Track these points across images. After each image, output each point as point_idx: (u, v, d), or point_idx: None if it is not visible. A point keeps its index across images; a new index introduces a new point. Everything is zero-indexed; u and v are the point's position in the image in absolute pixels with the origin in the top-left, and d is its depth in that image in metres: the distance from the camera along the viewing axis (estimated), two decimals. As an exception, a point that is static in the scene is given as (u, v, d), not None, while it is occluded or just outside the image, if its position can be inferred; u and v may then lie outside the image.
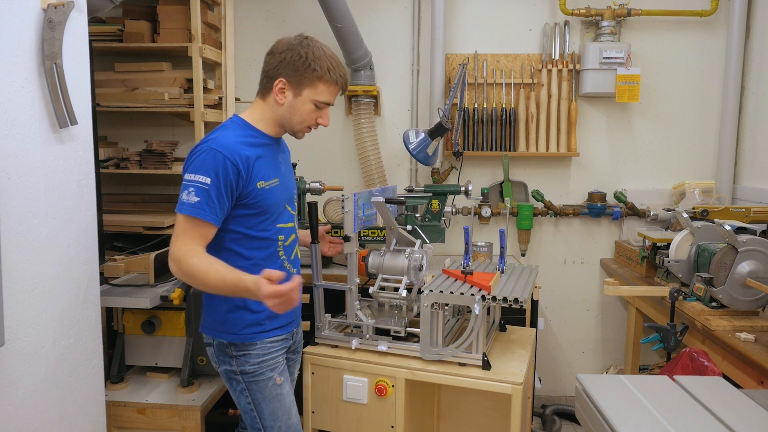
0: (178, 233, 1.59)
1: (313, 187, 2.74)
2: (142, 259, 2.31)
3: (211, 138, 1.63)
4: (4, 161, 1.44)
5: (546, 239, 3.34)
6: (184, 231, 1.59)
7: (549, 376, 3.43)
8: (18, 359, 1.52)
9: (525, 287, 1.87)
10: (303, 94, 1.68)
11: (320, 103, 1.71)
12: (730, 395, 1.54)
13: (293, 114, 1.71)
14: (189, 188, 1.57)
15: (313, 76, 1.66)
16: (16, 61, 1.48)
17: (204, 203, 1.57)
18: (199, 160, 1.59)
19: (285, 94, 1.69)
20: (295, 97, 1.69)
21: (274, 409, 1.75)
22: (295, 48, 1.66)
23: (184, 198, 1.58)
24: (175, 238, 1.60)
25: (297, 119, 1.72)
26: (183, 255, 1.57)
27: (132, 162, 2.80)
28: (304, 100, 1.69)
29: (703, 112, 3.24)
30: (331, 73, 1.68)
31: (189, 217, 1.57)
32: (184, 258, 1.57)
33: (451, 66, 3.18)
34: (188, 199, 1.57)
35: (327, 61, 1.68)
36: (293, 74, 1.66)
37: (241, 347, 1.72)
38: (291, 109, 1.70)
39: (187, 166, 1.61)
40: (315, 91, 1.68)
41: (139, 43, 2.80)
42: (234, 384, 1.75)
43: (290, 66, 1.66)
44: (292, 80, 1.67)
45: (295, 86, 1.68)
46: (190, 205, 1.57)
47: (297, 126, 1.74)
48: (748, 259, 2.15)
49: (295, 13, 3.23)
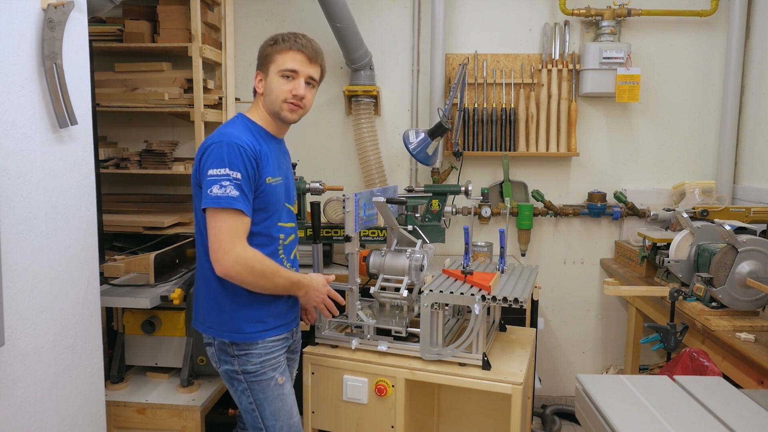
0: (230, 233, 1.58)
1: (313, 187, 2.74)
2: (142, 259, 2.31)
3: (226, 132, 1.64)
4: (4, 161, 1.44)
5: (546, 239, 3.34)
6: (236, 227, 1.59)
7: (549, 376, 3.43)
8: (18, 359, 1.52)
9: (525, 287, 1.87)
10: (270, 73, 1.74)
11: (286, 72, 1.73)
12: (730, 395, 1.54)
13: (269, 94, 1.75)
14: (222, 182, 1.56)
15: (270, 51, 1.74)
16: (16, 61, 1.48)
17: (242, 197, 1.59)
18: (222, 154, 1.59)
19: (261, 83, 1.77)
20: (266, 78, 1.75)
21: (275, 409, 1.75)
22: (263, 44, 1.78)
23: (220, 192, 1.56)
24: (227, 239, 1.57)
25: (272, 98, 1.75)
26: (251, 256, 1.61)
27: (132, 162, 2.80)
28: (271, 77, 1.74)
29: (703, 112, 3.24)
30: (285, 42, 1.73)
31: (231, 210, 1.57)
32: (256, 258, 1.61)
33: (451, 66, 3.18)
34: (227, 193, 1.56)
35: (282, 35, 1.75)
36: (260, 62, 1.77)
37: (243, 346, 1.72)
38: (267, 91, 1.76)
39: (207, 161, 1.60)
40: (276, 65, 1.74)
41: (139, 43, 2.80)
42: (235, 384, 1.75)
43: (259, 57, 1.78)
44: (262, 67, 1.77)
45: (264, 71, 1.76)
46: (232, 198, 1.56)
47: (277, 104, 1.74)
48: (748, 259, 2.15)
49: (295, 13, 3.23)
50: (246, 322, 1.71)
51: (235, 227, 1.59)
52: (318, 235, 2.02)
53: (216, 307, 1.73)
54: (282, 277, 1.69)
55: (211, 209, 1.58)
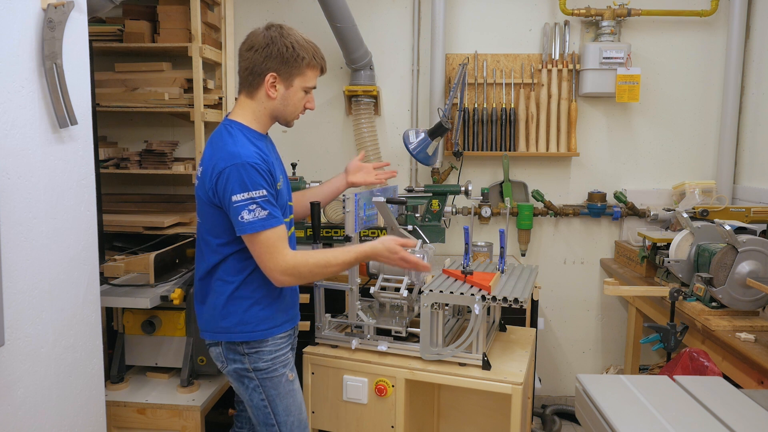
0: (269, 250, 1.61)
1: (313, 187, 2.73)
2: (142, 259, 2.31)
3: (234, 152, 1.62)
4: (4, 161, 1.44)
5: (546, 239, 3.34)
6: (273, 244, 1.61)
7: (549, 376, 3.43)
8: (18, 359, 1.52)
9: (525, 287, 1.87)
10: (294, 83, 1.72)
11: (308, 89, 1.75)
12: (730, 395, 1.54)
13: (286, 105, 1.74)
14: (249, 206, 1.58)
15: (302, 64, 1.70)
16: (16, 61, 1.48)
17: (272, 212, 1.61)
18: (241, 177, 1.59)
19: (277, 87, 1.71)
20: (287, 89, 1.72)
21: (287, 405, 1.76)
22: (278, 40, 1.68)
23: (250, 217, 1.58)
24: (270, 257, 1.61)
25: (291, 109, 1.75)
26: (294, 263, 1.63)
27: (132, 162, 2.80)
28: (295, 89, 1.72)
29: (703, 112, 3.24)
30: (316, 58, 1.73)
31: (267, 230, 1.60)
32: (297, 265, 1.63)
33: (451, 66, 3.18)
34: (258, 216, 1.58)
35: (310, 47, 1.72)
36: (283, 66, 1.69)
37: (253, 344, 1.72)
38: (284, 101, 1.73)
39: (228, 186, 1.59)
40: (304, 79, 1.72)
41: (139, 43, 2.80)
42: (246, 381, 1.74)
43: (278, 59, 1.68)
44: (283, 72, 1.70)
45: (285, 78, 1.70)
46: (263, 220, 1.59)
47: (290, 116, 1.77)
48: (748, 259, 2.15)
49: (295, 13, 3.23)
50: (256, 321, 1.72)
51: (273, 242, 1.62)
52: (318, 235, 2.01)
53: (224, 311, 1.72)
54: (336, 264, 1.68)
55: (248, 235, 1.61)
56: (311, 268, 1.66)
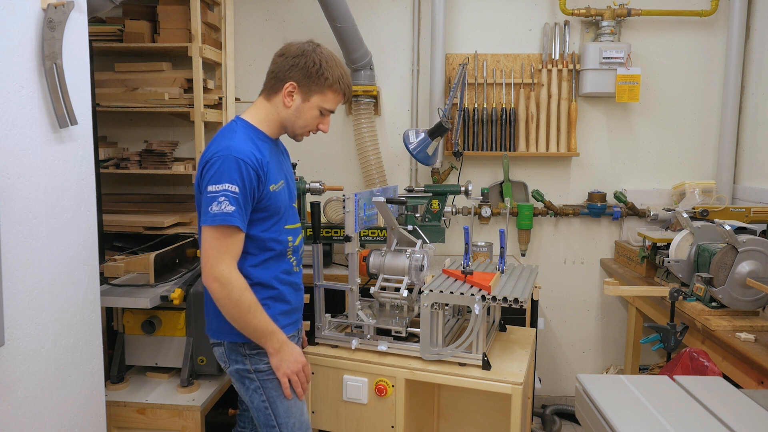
0: (218, 248, 1.57)
1: (313, 187, 2.73)
2: (142, 259, 2.31)
3: (226, 145, 1.61)
4: (4, 161, 1.44)
5: (546, 239, 3.34)
6: (224, 245, 1.58)
7: (549, 376, 3.43)
8: (18, 359, 1.52)
9: (525, 287, 1.87)
10: (311, 99, 1.71)
11: (325, 110, 1.74)
12: (730, 395, 1.54)
13: (299, 118, 1.73)
14: (218, 198, 1.55)
15: (324, 83, 1.70)
16: (16, 61, 1.48)
17: (237, 212, 1.57)
18: (221, 168, 1.57)
19: (293, 97, 1.71)
20: (303, 102, 1.71)
21: (288, 406, 1.76)
22: (309, 54, 1.69)
23: (216, 209, 1.55)
24: (215, 254, 1.57)
25: (301, 123, 1.74)
26: (236, 280, 1.58)
27: (132, 162, 2.80)
28: (311, 105, 1.72)
29: (703, 112, 3.24)
30: (341, 82, 1.72)
31: (225, 227, 1.56)
32: (238, 285, 1.58)
33: (451, 66, 3.18)
34: (221, 209, 1.55)
35: (338, 70, 1.71)
36: (305, 79, 1.69)
37: (254, 346, 1.71)
38: (297, 112, 1.72)
39: (207, 177, 1.59)
40: (323, 98, 1.72)
41: (139, 43, 2.80)
42: (247, 383, 1.74)
43: (303, 71, 1.68)
44: (303, 85, 1.70)
45: (304, 91, 1.70)
46: (226, 214, 1.55)
47: (299, 130, 1.76)
48: (748, 259, 2.15)
49: (295, 13, 3.23)
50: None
51: (226, 244, 1.58)
52: (318, 235, 2.02)
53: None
54: (258, 318, 1.62)
55: (207, 226, 1.58)
56: (239, 298, 1.58)
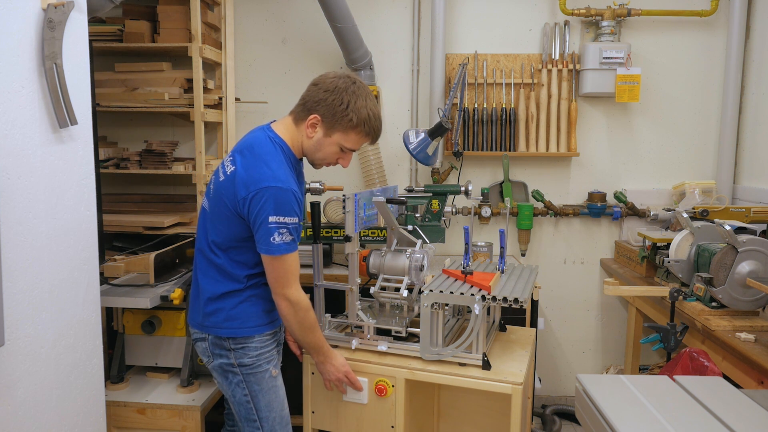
0: (286, 275, 1.68)
1: (313, 187, 2.73)
2: (142, 259, 2.31)
3: (279, 177, 1.64)
4: (4, 161, 1.44)
5: (546, 239, 3.34)
6: (293, 271, 1.69)
7: (549, 376, 3.43)
8: (18, 359, 1.52)
9: (525, 287, 1.87)
10: (333, 136, 1.73)
11: (347, 149, 1.76)
12: (730, 395, 1.54)
13: (318, 150, 1.76)
14: (280, 229, 1.63)
15: (348, 124, 1.71)
16: (16, 61, 1.48)
17: (296, 239, 1.68)
18: (279, 201, 1.62)
19: (316, 130, 1.73)
20: (325, 137, 1.73)
21: (269, 401, 1.79)
22: (340, 92, 1.70)
23: (279, 240, 1.64)
24: (286, 281, 1.68)
25: (320, 156, 1.77)
26: (300, 300, 1.71)
27: (132, 162, 2.80)
28: (332, 141, 1.74)
29: (703, 112, 3.24)
30: (366, 125, 1.73)
31: (288, 255, 1.66)
32: (304, 306, 1.72)
33: (451, 66, 3.18)
34: (283, 240, 1.65)
35: (366, 113, 1.71)
36: (329, 116, 1.71)
37: (240, 340, 1.75)
38: (317, 145, 1.75)
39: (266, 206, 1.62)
40: (345, 138, 1.74)
41: (139, 43, 2.80)
42: (230, 377, 1.78)
43: (329, 108, 1.70)
44: (327, 121, 1.72)
45: (327, 127, 1.72)
46: (288, 245, 1.65)
47: (318, 162, 1.80)
48: (748, 259, 2.15)
49: (295, 13, 3.23)
50: (245, 318, 1.75)
51: (291, 270, 1.69)
52: (318, 235, 2.01)
53: (214, 304, 1.75)
54: (315, 336, 1.76)
55: (271, 256, 1.65)
56: (305, 318, 1.72)
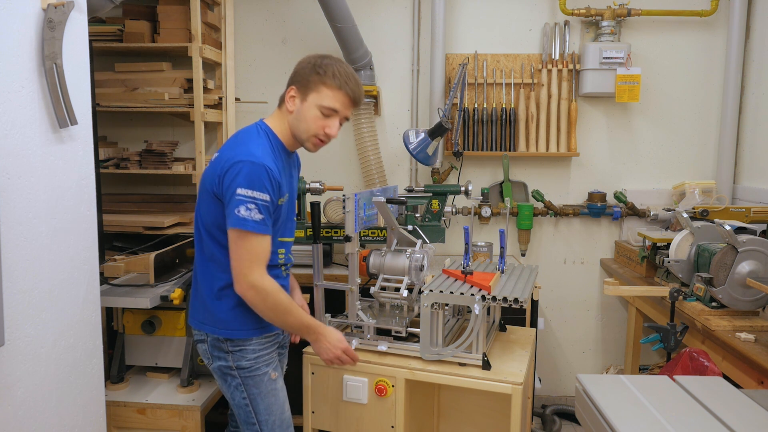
0: (249, 257, 1.62)
1: (313, 187, 2.74)
2: (142, 259, 2.31)
3: (254, 153, 1.63)
4: (4, 161, 1.44)
5: (546, 239, 3.34)
6: (255, 253, 1.62)
7: (549, 376, 3.43)
8: (18, 359, 1.52)
9: (525, 287, 1.87)
10: (308, 98, 1.71)
11: (325, 109, 1.72)
12: (730, 395, 1.54)
13: (300, 120, 1.73)
14: (248, 204, 1.59)
15: (317, 80, 1.70)
16: (16, 61, 1.48)
17: (266, 220, 1.62)
18: (250, 174, 1.59)
19: (294, 101, 1.73)
20: (302, 102, 1.72)
21: (269, 404, 1.77)
22: (310, 59, 1.73)
23: (246, 214, 1.58)
24: (247, 264, 1.62)
25: (303, 126, 1.74)
26: (269, 286, 1.64)
27: (132, 162, 2.80)
28: (309, 105, 1.71)
29: (703, 112, 3.24)
30: (336, 78, 1.70)
31: (256, 234, 1.61)
32: (272, 290, 1.64)
33: (451, 66, 3.18)
34: (251, 216, 1.59)
35: (335, 69, 1.71)
36: (301, 80, 1.72)
37: (237, 342, 1.73)
38: (298, 115, 1.73)
39: (237, 179, 1.59)
40: (319, 96, 1.71)
41: (139, 43, 2.80)
42: (229, 379, 1.76)
43: (300, 73, 1.73)
44: (301, 86, 1.72)
45: (302, 92, 1.72)
46: (256, 222, 1.60)
47: (304, 134, 1.75)
48: (748, 259, 2.15)
49: (295, 13, 3.23)
50: (243, 320, 1.73)
51: (256, 251, 1.63)
52: (318, 235, 2.02)
53: (213, 305, 1.74)
54: (294, 316, 1.70)
55: (236, 230, 1.61)
56: (275, 302, 1.66)
